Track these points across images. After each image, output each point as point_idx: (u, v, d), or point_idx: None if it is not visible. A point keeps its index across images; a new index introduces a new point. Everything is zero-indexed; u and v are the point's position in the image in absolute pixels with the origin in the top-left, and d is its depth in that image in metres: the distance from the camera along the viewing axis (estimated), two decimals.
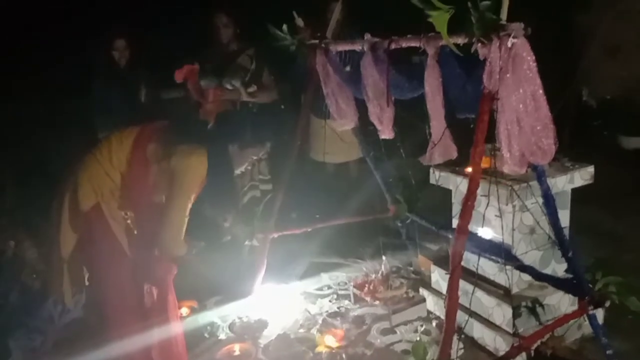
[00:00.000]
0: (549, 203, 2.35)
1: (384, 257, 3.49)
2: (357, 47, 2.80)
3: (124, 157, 2.44)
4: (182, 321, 2.80)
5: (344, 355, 2.76)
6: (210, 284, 3.46)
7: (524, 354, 2.67)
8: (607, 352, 2.43)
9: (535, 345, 2.61)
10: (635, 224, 4.18)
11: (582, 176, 2.81)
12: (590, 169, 2.83)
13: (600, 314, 2.69)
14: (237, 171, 2.60)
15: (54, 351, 3.09)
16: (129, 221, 2.50)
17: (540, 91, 2.03)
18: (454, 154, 2.61)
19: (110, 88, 4.31)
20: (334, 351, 2.81)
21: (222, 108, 3.75)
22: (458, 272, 2.11)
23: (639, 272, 3.23)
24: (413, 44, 2.47)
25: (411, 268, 3.73)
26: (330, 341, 2.89)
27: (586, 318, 2.39)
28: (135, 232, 2.50)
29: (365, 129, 3.19)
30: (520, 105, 2.05)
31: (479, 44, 2.08)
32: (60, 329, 3.25)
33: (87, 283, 2.60)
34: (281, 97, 4.12)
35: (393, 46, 2.57)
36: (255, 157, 2.58)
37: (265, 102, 3.90)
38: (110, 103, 4.32)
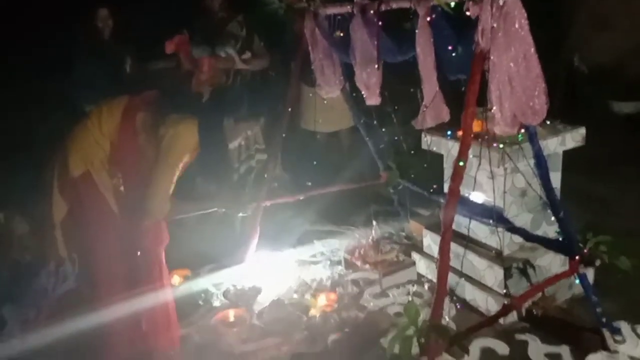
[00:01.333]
0: (541, 164, 2.36)
1: (374, 222, 3.50)
2: (346, 9, 2.75)
3: (114, 125, 2.44)
4: (174, 290, 2.82)
5: (337, 319, 2.79)
6: (204, 253, 3.48)
7: (515, 314, 2.71)
8: (597, 310, 2.47)
9: (526, 305, 2.65)
10: (625, 190, 4.20)
11: (574, 138, 2.81)
12: (582, 131, 2.83)
13: (590, 274, 2.72)
14: (231, 145, 2.58)
15: (48, 323, 3.10)
16: (121, 188, 2.48)
17: (532, 50, 2.01)
18: (446, 117, 2.60)
19: (94, 60, 4.23)
20: (327, 314, 2.83)
21: (216, 78, 3.69)
22: (449, 234, 2.11)
23: (628, 236, 3.30)
24: (404, 4, 2.43)
25: (403, 234, 3.75)
26: (323, 302, 2.91)
27: (576, 278, 2.43)
28: (126, 200, 2.49)
29: (355, 95, 3.17)
30: (512, 65, 2.03)
31: (471, 3, 2.05)
32: (54, 302, 3.25)
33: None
34: (272, 65, 4.06)
35: (383, 7, 2.53)
36: (250, 132, 2.57)
37: (257, 69, 3.85)
38: (94, 76, 4.25)
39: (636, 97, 6.08)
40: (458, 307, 2.63)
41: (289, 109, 3.37)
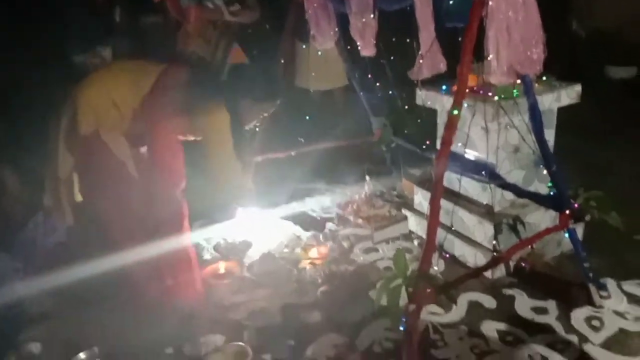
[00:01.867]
0: (536, 117, 2.33)
1: (367, 177, 3.48)
2: None
3: (140, 94, 2.39)
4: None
5: (327, 271, 2.80)
6: (194, 209, 3.45)
7: (503, 269, 2.73)
8: (584, 265, 2.49)
9: (514, 260, 2.67)
10: (618, 153, 4.20)
11: (569, 94, 2.78)
12: (577, 88, 2.80)
13: (579, 230, 2.73)
14: (246, 127, 2.56)
15: (38, 273, 3.10)
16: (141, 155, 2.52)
17: None
18: (443, 67, 2.56)
19: (84, 11, 4.12)
20: (317, 267, 2.84)
21: (203, 29, 3.61)
22: (441, 185, 2.10)
23: (620, 195, 3.30)
24: None
25: (395, 192, 3.74)
26: (314, 254, 2.92)
27: (566, 233, 2.43)
28: (153, 167, 2.47)
29: (350, 47, 3.11)
30: (511, 13, 1.98)
31: None
32: (43, 253, 3.24)
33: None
34: (264, 17, 3.95)
35: None
36: (265, 114, 2.55)
37: (247, 22, 3.75)
38: (84, 27, 4.15)
39: (631, 62, 6.04)
40: (446, 256, 2.64)
41: (282, 62, 3.31)
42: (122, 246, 2.43)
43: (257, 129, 3.43)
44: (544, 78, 2.76)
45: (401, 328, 2.03)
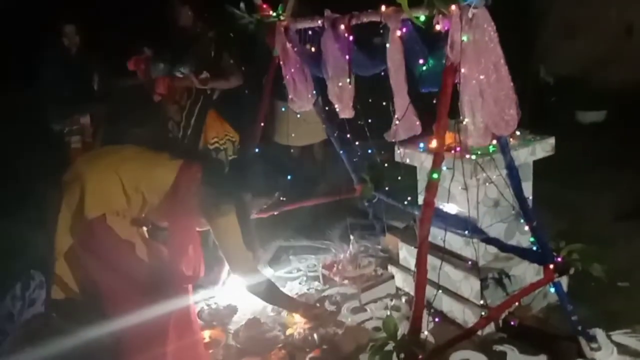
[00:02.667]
0: (513, 174, 2.38)
1: (351, 237, 3.48)
2: (317, 23, 2.75)
3: (160, 189, 2.40)
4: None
5: (315, 336, 2.75)
6: None
7: (492, 325, 2.72)
8: (572, 318, 2.49)
9: (503, 316, 2.66)
10: (595, 196, 4.30)
11: (544, 148, 2.86)
12: (551, 141, 2.88)
13: (564, 282, 2.74)
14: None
15: (16, 349, 2.98)
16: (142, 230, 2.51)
17: (502, 61, 2.04)
18: (418, 130, 2.61)
19: (61, 77, 4.15)
20: (305, 332, 2.78)
21: (177, 96, 3.67)
22: (426, 247, 2.11)
23: (599, 243, 3.35)
24: (374, 18, 2.45)
25: (379, 247, 3.74)
26: (300, 319, 2.87)
27: (551, 286, 2.44)
28: (167, 249, 2.48)
29: (328, 108, 3.17)
30: (482, 77, 2.05)
31: (440, 16, 2.07)
32: (21, 326, 3.13)
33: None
34: (246, 82, 4.01)
35: (354, 21, 2.54)
36: (265, 206, 2.63)
37: (225, 88, 3.80)
38: (61, 92, 4.17)
39: (601, 107, 6.26)
40: (436, 320, 2.62)
41: (262, 124, 3.35)
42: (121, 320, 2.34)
43: None
44: (518, 133, 2.83)
45: None
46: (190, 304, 2.53)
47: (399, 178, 3.24)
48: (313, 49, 2.93)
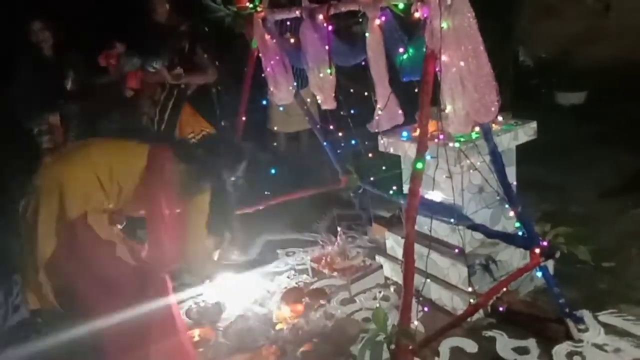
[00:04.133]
0: (497, 160, 2.38)
1: (339, 229, 3.47)
2: (295, 14, 2.71)
3: (134, 175, 2.38)
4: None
5: (306, 329, 2.74)
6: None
7: (481, 311, 2.72)
8: (560, 301, 2.51)
9: (491, 302, 2.67)
10: (578, 176, 4.33)
11: (526, 132, 2.86)
12: (533, 125, 2.88)
13: (550, 265, 2.76)
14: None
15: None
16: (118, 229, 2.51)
17: (481, 48, 2.02)
18: (400, 119, 2.60)
19: (34, 75, 4.04)
20: (295, 325, 2.78)
21: (151, 91, 3.61)
22: (412, 236, 2.10)
23: (584, 223, 3.39)
24: (352, 7, 2.41)
25: (366, 237, 3.73)
26: (289, 313, 2.86)
27: (538, 270, 2.45)
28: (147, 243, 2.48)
29: (311, 100, 3.14)
30: (462, 63, 2.03)
31: (419, 3, 2.04)
32: (6, 332, 3.09)
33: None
34: (221, 78, 3.96)
35: (332, 11, 2.50)
36: (234, 179, 2.64)
37: (200, 83, 3.75)
38: (34, 91, 4.06)
39: (580, 88, 6.29)
40: (425, 309, 2.63)
41: (243, 119, 3.31)
42: (102, 321, 2.31)
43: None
44: (500, 118, 2.83)
45: None
46: (172, 302, 2.49)
47: (384, 168, 3.23)
48: (292, 40, 2.89)
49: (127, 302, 2.31)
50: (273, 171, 3.68)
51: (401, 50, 2.29)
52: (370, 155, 3.28)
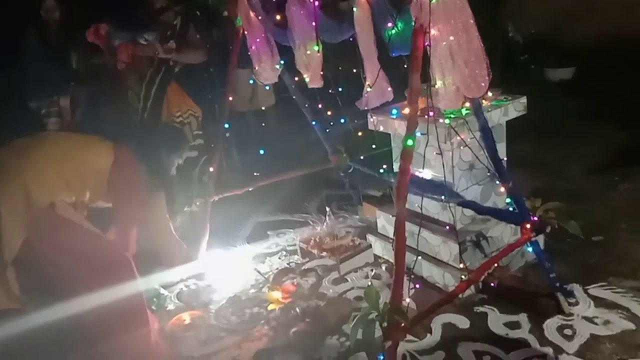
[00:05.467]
0: (487, 136, 2.36)
1: (327, 209, 3.45)
2: None
3: (101, 173, 2.49)
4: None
5: (297, 310, 2.73)
6: (152, 254, 3.31)
7: (472, 287, 2.73)
8: (550, 275, 2.52)
9: (482, 278, 2.67)
10: (567, 152, 4.34)
11: (516, 108, 2.84)
12: (523, 100, 2.86)
13: (541, 240, 2.77)
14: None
15: None
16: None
17: (471, 21, 1.98)
18: (389, 96, 2.56)
19: (42, 55, 3.97)
20: (287, 306, 2.77)
21: (139, 65, 3.52)
22: (403, 214, 2.08)
23: (574, 199, 3.40)
24: None
25: (357, 217, 3.72)
26: (279, 295, 2.85)
27: (529, 246, 2.46)
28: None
29: (298, 79, 3.08)
30: (452, 38, 2.00)
31: None
32: None
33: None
34: (211, 59, 3.89)
35: None
36: (180, 161, 2.86)
37: (190, 62, 3.67)
38: (42, 71, 4.00)
39: (569, 64, 6.28)
40: (416, 286, 2.63)
41: (230, 98, 3.26)
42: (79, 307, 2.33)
43: (209, 170, 3.37)
44: (490, 94, 2.80)
45: None
46: (139, 291, 2.55)
47: (374, 147, 3.20)
48: (278, 17, 2.83)
49: (100, 286, 2.34)
50: (262, 151, 3.64)
51: (390, 25, 2.24)
52: (359, 134, 3.25)
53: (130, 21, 3.53)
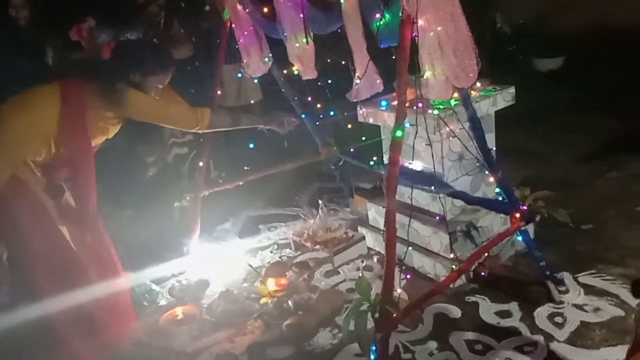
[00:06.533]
0: (476, 126, 2.36)
1: (320, 202, 3.45)
2: None
3: (52, 122, 2.31)
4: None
5: (290, 302, 2.73)
6: (143, 251, 3.30)
7: (463, 277, 2.75)
8: (540, 264, 2.54)
9: (473, 267, 2.68)
10: (555, 142, 4.37)
11: (504, 98, 2.84)
12: (511, 90, 2.86)
13: (530, 229, 2.79)
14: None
15: None
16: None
17: (459, 11, 1.98)
18: (379, 87, 2.56)
19: (12, 51, 3.90)
20: (279, 299, 2.77)
21: None
22: (393, 205, 2.08)
23: (563, 188, 3.43)
24: None
25: (348, 209, 3.73)
26: (271, 285, 2.85)
27: (518, 235, 2.47)
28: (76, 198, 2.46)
29: (286, 72, 3.07)
30: (440, 28, 1.99)
31: None
32: None
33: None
34: (197, 53, 3.86)
35: None
36: (160, 86, 2.55)
37: (175, 58, 3.64)
38: (13, 68, 3.92)
39: (558, 54, 6.30)
40: (408, 277, 2.64)
41: (218, 92, 3.23)
42: (47, 295, 2.32)
43: (197, 163, 3.35)
44: (479, 84, 2.81)
45: (372, 356, 2.00)
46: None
47: (363, 138, 3.20)
48: (265, 9, 2.81)
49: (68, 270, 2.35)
50: (251, 145, 3.62)
51: (377, 16, 2.24)
52: (349, 126, 3.24)
53: (113, 16, 3.49)
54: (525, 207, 2.38)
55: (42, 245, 2.33)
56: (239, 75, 3.52)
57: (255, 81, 4.09)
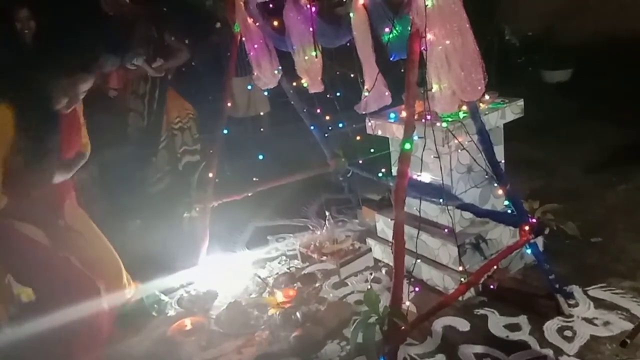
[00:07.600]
0: (484, 139, 2.37)
1: (327, 213, 3.46)
2: None
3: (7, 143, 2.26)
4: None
5: (298, 314, 2.73)
6: (152, 262, 3.32)
7: (472, 290, 2.74)
8: (550, 277, 2.52)
9: (482, 280, 2.68)
10: (564, 153, 4.36)
11: (513, 110, 2.85)
12: (520, 103, 2.87)
13: (540, 242, 2.78)
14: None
15: None
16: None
17: (467, 25, 2.00)
18: (388, 100, 2.57)
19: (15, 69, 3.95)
20: (287, 311, 2.77)
21: (133, 86, 3.56)
22: (402, 217, 2.09)
23: (572, 199, 3.42)
24: None
25: (356, 220, 3.73)
26: (281, 298, 2.85)
27: (527, 247, 2.46)
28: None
29: (296, 84, 3.10)
30: (448, 42, 2.01)
31: None
32: None
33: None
34: (194, 56, 3.93)
35: None
36: (84, 90, 2.47)
37: (175, 66, 3.72)
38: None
39: (566, 66, 6.30)
40: (416, 289, 2.63)
41: (229, 104, 3.27)
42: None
43: (207, 174, 3.38)
44: (487, 97, 2.82)
45: None
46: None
47: (372, 150, 3.22)
48: (275, 23, 2.85)
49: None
50: (260, 157, 3.65)
51: (387, 29, 2.26)
52: (358, 138, 3.26)
53: (110, 43, 3.53)
54: (534, 220, 2.37)
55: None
56: (249, 87, 3.56)
57: (265, 93, 4.12)
